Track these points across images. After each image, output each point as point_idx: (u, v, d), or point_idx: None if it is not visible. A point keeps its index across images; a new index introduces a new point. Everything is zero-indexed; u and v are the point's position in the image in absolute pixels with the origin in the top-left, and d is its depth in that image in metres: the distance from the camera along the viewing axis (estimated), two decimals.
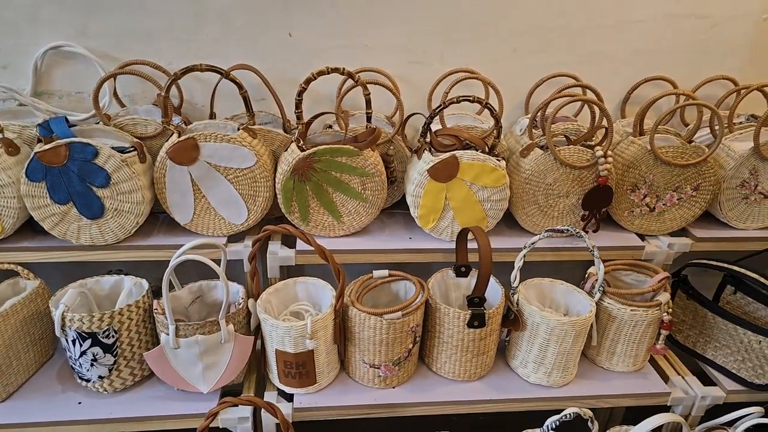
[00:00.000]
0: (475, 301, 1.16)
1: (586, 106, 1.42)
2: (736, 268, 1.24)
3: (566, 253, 1.33)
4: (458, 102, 1.20)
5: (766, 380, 1.25)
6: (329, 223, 1.29)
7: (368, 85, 1.28)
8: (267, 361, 1.20)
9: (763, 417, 1.18)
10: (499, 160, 1.26)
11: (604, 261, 1.35)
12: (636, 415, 1.25)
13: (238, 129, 1.20)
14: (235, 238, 1.29)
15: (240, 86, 1.20)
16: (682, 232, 1.42)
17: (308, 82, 1.16)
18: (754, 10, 1.47)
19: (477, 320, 1.17)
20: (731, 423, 1.23)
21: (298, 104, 1.19)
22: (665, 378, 1.32)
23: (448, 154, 1.23)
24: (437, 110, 1.21)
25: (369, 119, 1.25)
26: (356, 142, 1.24)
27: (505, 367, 1.31)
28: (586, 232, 1.36)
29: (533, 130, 1.35)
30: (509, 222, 1.39)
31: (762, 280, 1.20)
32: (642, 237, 1.40)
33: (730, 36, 1.49)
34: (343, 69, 1.16)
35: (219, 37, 1.33)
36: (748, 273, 1.22)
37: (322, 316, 1.12)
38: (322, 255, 1.09)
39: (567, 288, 1.30)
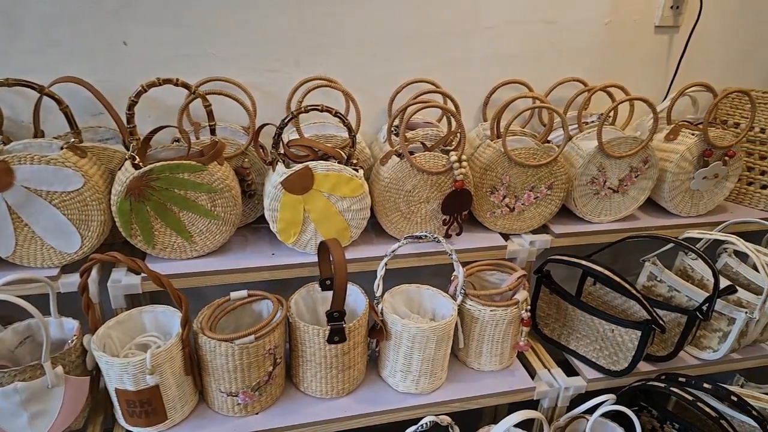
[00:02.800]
0: (335, 315, 1.13)
1: None
2: (583, 262, 1.30)
3: (431, 257, 1.33)
4: (306, 111, 1.16)
5: (620, 366, 1.32)
6: (179, 245, 1.20)
7: (220, 96, 1.22)
8: (112, 400, 1.10)
9: (615, 404, 1.24)
10: (356, 170, 1.23)
11: (470, 262, 1.37)
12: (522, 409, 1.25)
13: (62, 148, 1.09)
14: (72, 267, 1.17)
15: (59, 102, 1.09)
16: (544, 229, 1.48)
17: (138, 95, 1.08)
18: (597, 15, 1.56)
19: (337, 335, 1.13)
20: (591, 411, 1.28)
21: (130, 119, 1.09)
22: (533, 372, 1.36)
23: (301, 166, 1.18)
24: (286, 120, 1.17)
25: (213, 132, 1.18)
26: (202, 156, 1.16)
27: (378, 378, 1.29)
28: (449, 236, 1.37)
29: (393, 137, 1.35)
30: (377, 230, 1.38)
31: (606, 272, 1.26)
32: (506, 236, 1.44)
33: (578, 39, 1.57)
34: (177, 80, 1.09)
35: (42, 48, 1.21)
36: (594, 266, 1.27)
37: (166, 347, 1.03)
38: (158, 281, 1.00)
39: (433, 293, 1.30)
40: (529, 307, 1.27)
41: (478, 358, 1.31)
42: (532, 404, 1.33)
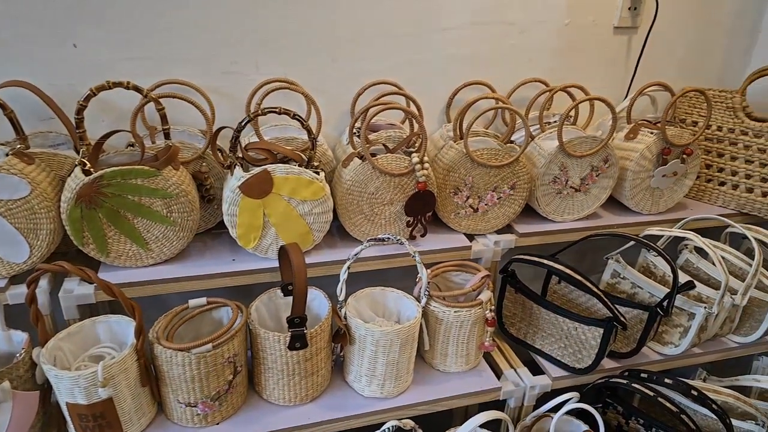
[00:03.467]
0: (296, 321, 1.11)
1: None
2: (545, 260, 1.31)
3: (396, 260, 1.32)
4: (264, 114, 1.14)
5: (584, 364, 1.33)
6: (134, 252, 1.17)
7: (178, 100, 1.19)
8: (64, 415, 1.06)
9: (580, 401, 1.25)
10: (317, 173, 1.22)
11: (436, 263, 1.37)
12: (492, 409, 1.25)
13: (7, 155, 1.05)
14: (22, 278, 1.12)
15: (3, 107, 1.05)
16: (508, 229, 1.48)
17: (87, 99, 1.05)
18: (557, 16, 1.58)
19: (298, 341, 1.12)
20: (556, 409, 1.29)
21: (79, 123, 1.06)
22: (500, 372, 1.36)
23: (259, 169, 1.16)
24: (243, 123, 1.15)
25: (167, 136, 1.15)
26: (156, 161, 1.13)
27: (343, 383, 1.27)
28: (414, 238, 1.36)
29: (355, 139, 1.34)
30: (342, 233, 1.36)
31: (567, 270, 1.27)
32: (471, 237, 1.44)
33: (539, 41, 1.58)
34: (128, 83, 1.06)
35: None
36: (556, 265, 1.28)
37: (118, 359, 1.00)
38: (108, 291, 0.97)
39: (398, 295, 1.29)
40: (493, 307, 1.27)
41: (444, 360, 1.31)
42: (500, 404, 1.33)
